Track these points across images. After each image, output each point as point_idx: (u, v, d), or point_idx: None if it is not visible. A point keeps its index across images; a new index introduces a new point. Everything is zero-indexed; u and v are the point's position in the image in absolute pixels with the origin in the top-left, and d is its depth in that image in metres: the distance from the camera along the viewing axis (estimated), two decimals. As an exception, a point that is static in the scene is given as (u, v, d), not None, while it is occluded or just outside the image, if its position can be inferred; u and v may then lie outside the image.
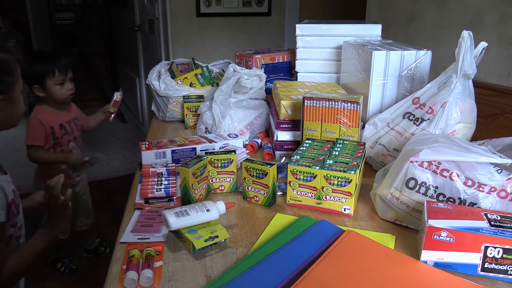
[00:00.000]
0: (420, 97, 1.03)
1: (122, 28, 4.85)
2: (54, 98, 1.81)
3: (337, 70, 1.47)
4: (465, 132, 1.00)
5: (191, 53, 2.88)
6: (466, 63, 0.94)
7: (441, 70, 1.03)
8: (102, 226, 2.49)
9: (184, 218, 0.80)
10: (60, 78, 1.78)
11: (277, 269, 0.69)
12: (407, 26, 1.91)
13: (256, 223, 0.87)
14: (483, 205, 0.77)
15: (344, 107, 1.05)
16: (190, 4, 3.08)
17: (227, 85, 1.34)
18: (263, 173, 0.92)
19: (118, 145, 4.21)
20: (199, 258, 0.76)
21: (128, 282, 0.68)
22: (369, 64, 1.16)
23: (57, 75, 1.77)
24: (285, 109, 1.18)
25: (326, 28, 1.45)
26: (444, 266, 0.71)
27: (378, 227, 0.86)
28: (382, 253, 0.74)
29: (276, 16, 3.34)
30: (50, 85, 1.77)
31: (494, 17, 1.45)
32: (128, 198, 1.02)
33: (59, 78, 1.78)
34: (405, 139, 1.02)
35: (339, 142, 1.02)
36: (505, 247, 0.67)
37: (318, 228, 0.81)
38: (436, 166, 0.79)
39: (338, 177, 0.87)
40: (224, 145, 1.18)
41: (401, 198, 0.83)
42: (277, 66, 1.60)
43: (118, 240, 0.81)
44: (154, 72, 1.58)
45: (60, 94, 1.81)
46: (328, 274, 0.67)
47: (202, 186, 0.96)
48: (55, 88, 1.79)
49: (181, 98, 1.52)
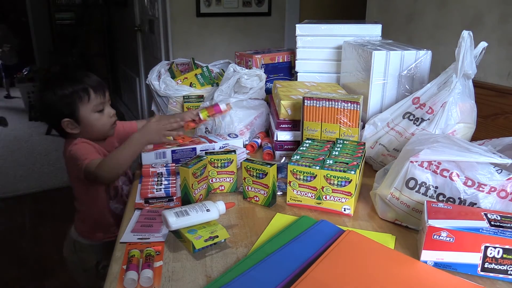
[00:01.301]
0: (420, 97, 1.03)
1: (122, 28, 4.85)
2: (93, 132, 1.20)
3: (337, 70, 1.47)
4: (465, 132, 1.00)
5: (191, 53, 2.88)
6: (466, 63, 0.94)
7: (441, 70, 1.03)
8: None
9: (184, 218, 0.80)
10: (98, 101, 1.18)
11: (277, 269, 0.69)
12: (407, 26, 1.91)
13: (256, 223, 0.87)
14: (483, 205, 0.77)
15: (344, 107, 1.05)
16: (190, 4, 3.08)
17: (227, 85, 1.34)
18: (263, 173, 0.92)
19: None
20: (199, 258, 0.76)
21: (128, 282, 0.68)
22: (369, 64, 1.16)
23: (93, 98, 1.17)
24: (285, 109, 1.18)
25: (326, 28, 1.45)
26: (444, 266, 0.71)
27: (378, 227, 0.86)
28: (382, 253, 0.74)
29: (276, 16, 3.34)
30: (85, 113, 1.17)
31: (494, 17, 1.45)
32: (128, 197, 1.02)
33: (97, 102, 1.18)
34: (405, 139, 1.02)
35: (339, 142, 1.02)
36: (505, 247, 0.67)
37: (318, 228, 0.81)
38: (436, 166, 0.79)
39: (338, 177, 0.87)
40: (224, 145, 1.18)
41: (401, 198, 0.83)
42: (277, 66, 1.60)
43: (118, 240, 0.82)
44: (154, 72, 1.58)
45: (102, 124, 1.20)
46: (328, 274, 0.67)
47: (202, 186, 0.96)
48: (93, 117, 1.18)
49: (181, 98, 1.52)
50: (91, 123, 1.18)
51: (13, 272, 2.23)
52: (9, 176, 3.38)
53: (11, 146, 4.07)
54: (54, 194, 3.19)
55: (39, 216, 2.86)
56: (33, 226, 2.73)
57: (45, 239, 2.54)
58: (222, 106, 1.24)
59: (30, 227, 2.71)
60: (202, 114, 1.23)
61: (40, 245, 2.48)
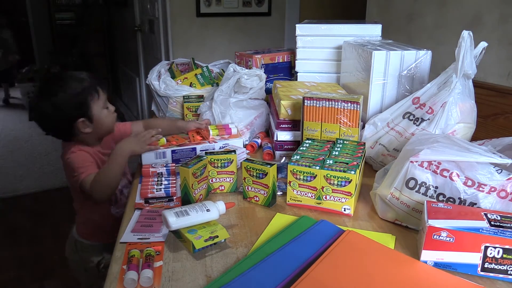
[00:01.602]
0: (420, 97, 1.03)
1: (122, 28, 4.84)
2: (103, 129, 1.21)
3: (337, 70, 1.47)
4: (465, 132, 1.00)
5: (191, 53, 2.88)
6: (466, 63, 0.94)
7: (441, 70, 1.03)
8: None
9: (184, 218, 0.80)
10: (105, 97, 1.20)
11: (277, 269, 0.69)
12: (407, 26, 1.91)
13: (256, 223, 0.87)
14: (483, 205, 0.77)
15: (344, 107, 1.05)
16: (190, 4, 3.08)
17: (227, 85, 1.34)
18: (263, 173, 0.92)
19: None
20: (199, 258, 0.76)
21: (128, 282, 0.68)
22: (369, 64, 1.16)
23: (101, 94, 1.18)
24: (285, 109, 1.18)
25: (326, 28, 1.45)
26: (444, 266, 0.71)
27: (378, 227, 0.86)
28: (382, 253, 0.74)
29: (276, 16, 3.34)
30: (96, 111, 1.17)
31: (494, 17, 1.45)
32: (128, 198, 1.02)
33: (104, 98, 1.19)
34: (405, 139, 1.02)
35: (339, 142, 1.02)
36: (505, 247, 0.67)
37: (318, 228, 0.81)
38: (436, 166, 0.79)
39: (338, 177, 0.87)
40: (224, 145, 1.18)
41: (401, 198, 0.83)
42: (277, 66, 1.60)
43: (118, 240, 0.82)
44: (154, 72, 1.58)
45: (110, 121, 1.22)
46: (328, 274, 0.67)
47: (202, 186, 0.96)
48: (103, 113, 1.19)
49: (181, 98, 1.51)
50: (101, 120, 1.18)
51: (13, 272, 2.23)
52: (9, 176, 3.38)
53: (11, 146, 4.07)
54: (54, 194, 3.19)
55: (39, 216, 2.86)
56: (33, 226, 2.73)
57: (45, 239, 2.54)
58: (233, 130, 1.23)
59: (30, 227, 2.70)
60: (213, 131, 1.21)
61: (40, 245, 2.48)
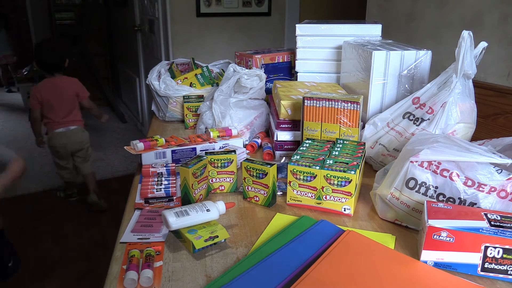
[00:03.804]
0: (420, 97, 1.03)
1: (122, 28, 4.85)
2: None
3: (337, 70, 1.47)
4: (465, 132, 1.00)
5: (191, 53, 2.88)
6: (466, 63, 0.94)
7: (441, 70, 1.03)
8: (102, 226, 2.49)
9: (184, 218, 0.80)
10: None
11: (277, 269, 0.69)
12: (407, 26, 1.91)
13: (256, 223, 0.87)
14: (483, 205, 0.77)
15: (344, 107, 1.05)
16: (190, 4, 3.08)
17: (227, 85, 1.34)
18: (263, 173, 0.92)
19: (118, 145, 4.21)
20: (199, 258, 0.76)
21: (128, 282, 0.68)
22: (369, 64, 1.16)
23: None
24: (285, 109, 1.18)
25: (326, 28, 1.45)
26: (444, 266, 0.71)
27: (378, 227, 0.86)
28: (382, 253, 0.74)
29: (276, 16, 3.34)
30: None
31: (494, 17, 1.45)
32: (128, 198, 1.02)
33: None
34: (405, 139, 1.02)
35: (339, 142, 1.02)
36: (505, 247, 0.67)
37: (318, 228, 0.81)
38: (436, 166, 0.79)
39: (338, 177, 0.87)
40: (224, 145, 1.18)
41: (401, 198, 0.83)
42: (277, 66, 1.60)
43: (118, 240, 0.81)
44: (154, 72, 1.58)
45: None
46: (328, 274, 0.67)
47: (202, 186, 0.96)
48: None
49: (181, 98, 1.52)
50: None
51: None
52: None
53: (11, 146, 4.07)
54: (54, 194, 3.19)
55: (39, 216, 2.86)
56: (33, 226, 2.73)
57: (45, 239, 2.54)
58: (233, 131, 1.24)
59: (30, 227, 2.71)
60: (213, 133, 1.22)
61: (40, 245, 2.48)
